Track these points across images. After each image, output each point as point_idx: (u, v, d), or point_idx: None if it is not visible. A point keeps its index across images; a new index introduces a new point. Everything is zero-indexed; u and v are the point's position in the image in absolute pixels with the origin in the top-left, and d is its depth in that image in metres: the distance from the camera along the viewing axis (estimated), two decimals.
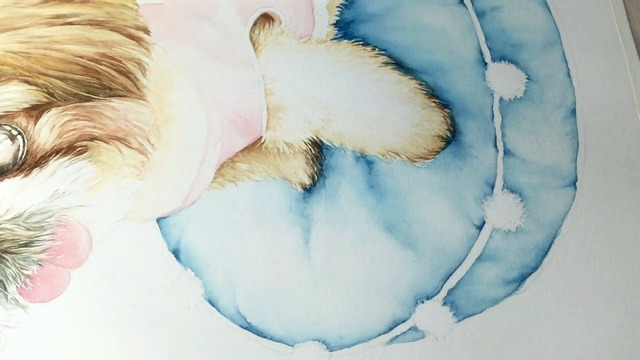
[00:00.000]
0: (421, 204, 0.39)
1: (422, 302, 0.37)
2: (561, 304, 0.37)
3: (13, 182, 0.40)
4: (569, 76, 0.42)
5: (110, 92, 0.42)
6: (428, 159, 0.41)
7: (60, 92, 0.41)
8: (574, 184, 0.40)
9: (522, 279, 0.38)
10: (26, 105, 0.41)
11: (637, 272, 0.38)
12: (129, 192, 0.40)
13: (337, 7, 0.45)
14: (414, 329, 0.37)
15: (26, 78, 0.41)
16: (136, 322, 0.37)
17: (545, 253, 0.38)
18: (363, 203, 0.39)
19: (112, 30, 0.43)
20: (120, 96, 0.42)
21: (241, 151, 0.41)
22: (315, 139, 0.41)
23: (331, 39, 0.44)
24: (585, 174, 0.40)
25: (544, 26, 0.44)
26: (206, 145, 0.41)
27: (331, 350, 0.37)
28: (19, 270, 0.38)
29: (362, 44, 0.44)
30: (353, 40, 0.44)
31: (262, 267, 0.38)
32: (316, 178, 0.40)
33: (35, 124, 0.40)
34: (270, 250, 0.38)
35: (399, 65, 0.43)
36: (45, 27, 0.43)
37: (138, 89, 0.42)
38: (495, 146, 0.41)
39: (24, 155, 0.40)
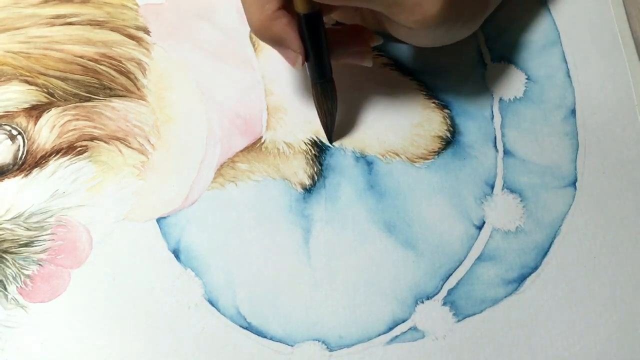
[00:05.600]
0: (421, 204, 0.39)
1: (422, 302, 0.37)
2: (561, 304, 0.37)
3: (13, 182, 0.40)
4: (569, 76, 0.42)
5: (110, 92, 0.42)
6: (428, 159, 0.41)
7: (60, 92, 0.41)
8: (574, 184, 0.40)
9: (522, 279, 0.38)
10: (26, 105, 0.41)
11: (637, 272, 0.38)
12: (129, 192, 0.40)
13: None
14: (414, 329, 0.37)
15: (26, 78, 0.42)
16: (136, 322, 0.37)
17: (545, 253, 0.38)
18: (363, 203, 0.39)
19: (112, 31, 0.43)
20: (120, 96, 0.42)
21: (241, 151, 0.41)
22: (315, 139, 0.41)
23: None
24: (585, 174, 0.40)
25: (544, 26, 0.44)
26: (206, 146, 0.41)
27: (331, 350, 0.37)
28: (19, 270, 0.38)
29: None
30: None
31: (262, 267, 0.38)
32: (316, 178, 0.40)
33: (35, 124, 0.40)
34: (270, 250, 0.38)
35: (399, 65, 0.43)
36: (45, 27, 0.43)
37: (138, 89, 0.42)
38: (495, 146, 0.41)
39: (24, 155, 0.40)
